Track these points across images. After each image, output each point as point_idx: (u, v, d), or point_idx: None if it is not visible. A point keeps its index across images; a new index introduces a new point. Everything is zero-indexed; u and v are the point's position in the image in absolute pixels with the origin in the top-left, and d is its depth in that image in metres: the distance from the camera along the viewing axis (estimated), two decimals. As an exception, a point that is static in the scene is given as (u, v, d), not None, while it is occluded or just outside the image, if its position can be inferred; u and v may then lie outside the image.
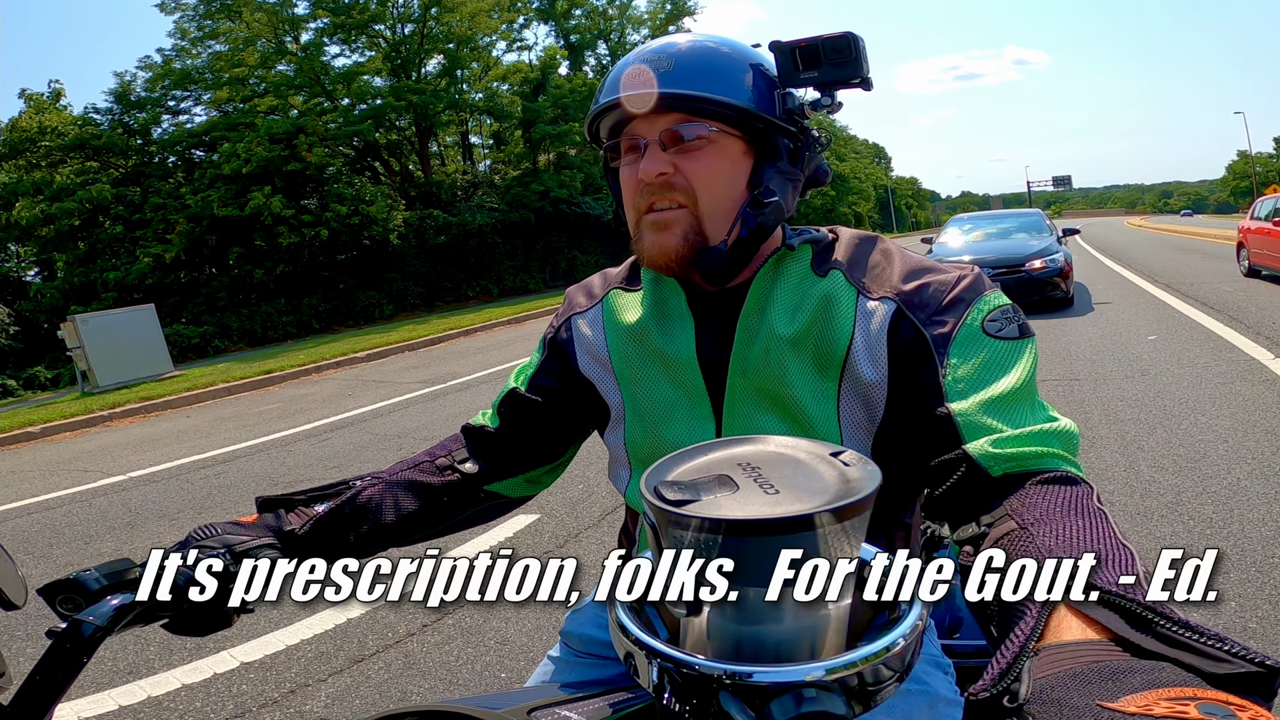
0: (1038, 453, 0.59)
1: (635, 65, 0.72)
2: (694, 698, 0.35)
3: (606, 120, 0.76)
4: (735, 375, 0.74)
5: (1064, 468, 0.58)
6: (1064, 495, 0.55)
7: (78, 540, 4.00)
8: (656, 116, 0.71)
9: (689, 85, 0.70)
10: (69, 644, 0.56)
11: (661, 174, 0.71)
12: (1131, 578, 0.43)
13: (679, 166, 0.71)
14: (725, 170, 0.72)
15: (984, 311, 0.68)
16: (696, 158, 0.71)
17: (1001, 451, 0.59)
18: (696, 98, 0.70)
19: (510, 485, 0.89)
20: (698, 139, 0.71)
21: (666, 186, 0.71)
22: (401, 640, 2.47)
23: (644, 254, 0.75)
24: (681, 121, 0.71)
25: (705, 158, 0.71)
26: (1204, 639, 0.34)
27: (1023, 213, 10.95)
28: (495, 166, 25.25)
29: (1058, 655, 0.36)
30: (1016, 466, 0.58)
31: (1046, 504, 0.54)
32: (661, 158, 0.71)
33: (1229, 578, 2.23)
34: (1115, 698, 0.30)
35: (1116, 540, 0.48)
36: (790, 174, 0.75)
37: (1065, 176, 64.73)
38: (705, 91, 0.70)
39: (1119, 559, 0.46)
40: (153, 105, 20.12)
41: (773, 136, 0.73)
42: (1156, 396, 4.29)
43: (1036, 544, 0.49)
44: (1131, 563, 0.45)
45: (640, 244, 0.75)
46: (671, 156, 0.71)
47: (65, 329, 11.08)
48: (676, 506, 0.35)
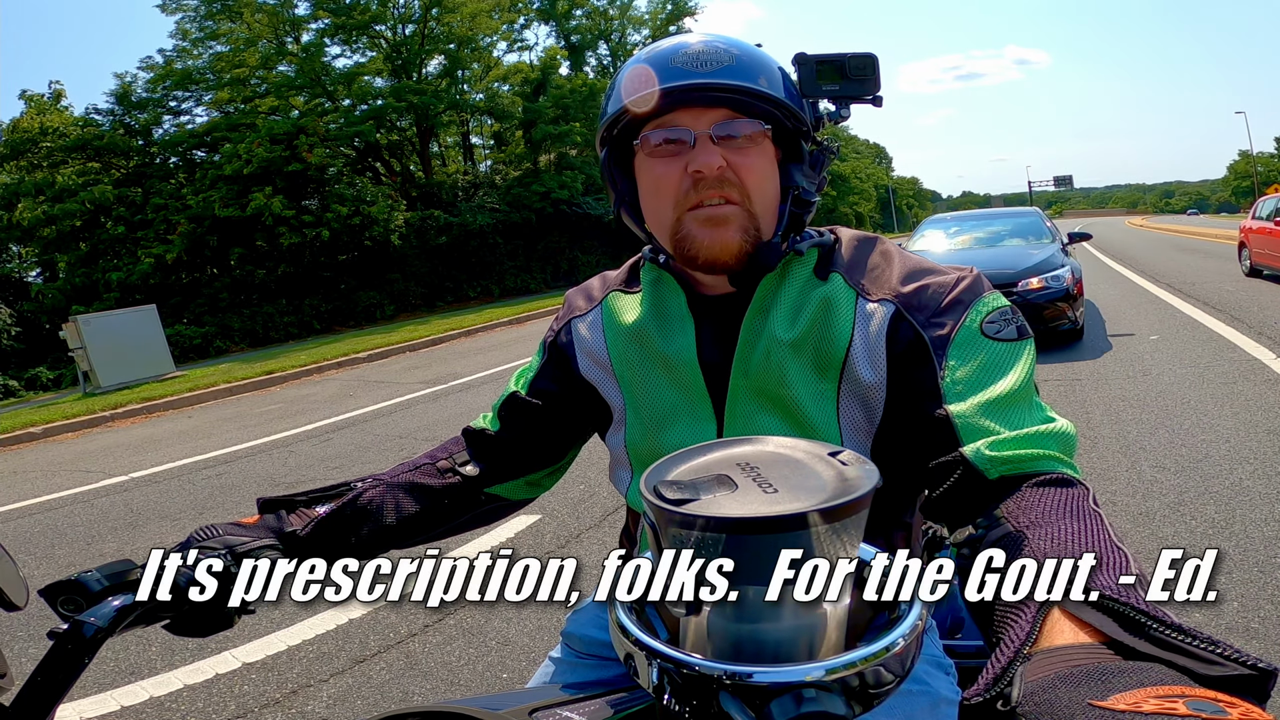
0: (1034, 455, 0.59)
1: (682, 55, 0.70)
2: (694, 698, 0.35)
3: (636, 114, 0.72)
4: (738, 376, 0.74)
5: (1060, 470, 0.58)
6: (1059, 498, 0.55)
7: (79, 541, 4.00)
8: (705, 110, 0.70)
9: (750, 80, 0.70)
10: (70, 645, 0.56)
11: (721, 166, 0.69)
12: (1128, 579, 0.44)
13: (730, 162, 0.70)
14: (768, 169, 0.73)
15: (982, 313, 0.68)
16: (746, 154, 0.71)
17: (998, 454, 0.59)
18: (756, 93, 0.70)
19: (511, 488, 0.89)
20: (747, 136, 0.70)
21: (723, 180, 0.70)
22: (403, 641, 2.47)
23: (697, 251, 0.72)
24: (734, 117, 0.70)
25: (752, 155, 0.71)
26: (1196, 642, 0.34)
27: (1017, 212, 8.30)
28: (496, 167, 25.25)
29: (1050, 659, 0.36)
30: (1013, 469, 0.58)
31: (1042, 507, 0.54)
32: (717, 151, 0.70)
33: (1231, 578, 2.23)
34: (1105, 696, 0.31)
35: (1111, 542, 0.49)
36: (811, 178, 0.76)
37: (1066, 176, 64.73)
38: (765, 89, 0.70)
39: (1113, 561, 0.46)
40: (154, 106, 20.17)
41: (799, 140, 0.74)
42: (1158, 397, 4.29)
43: (1031, 547, 0.50)
44: (1126, 564, 0.46)
45: (689, 242, 0.72)
46: (722, 151, 0.70)
47: (67, 330, 11.11)
48: (676, 506, 0.35)
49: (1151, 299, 8.59)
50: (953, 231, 7.91)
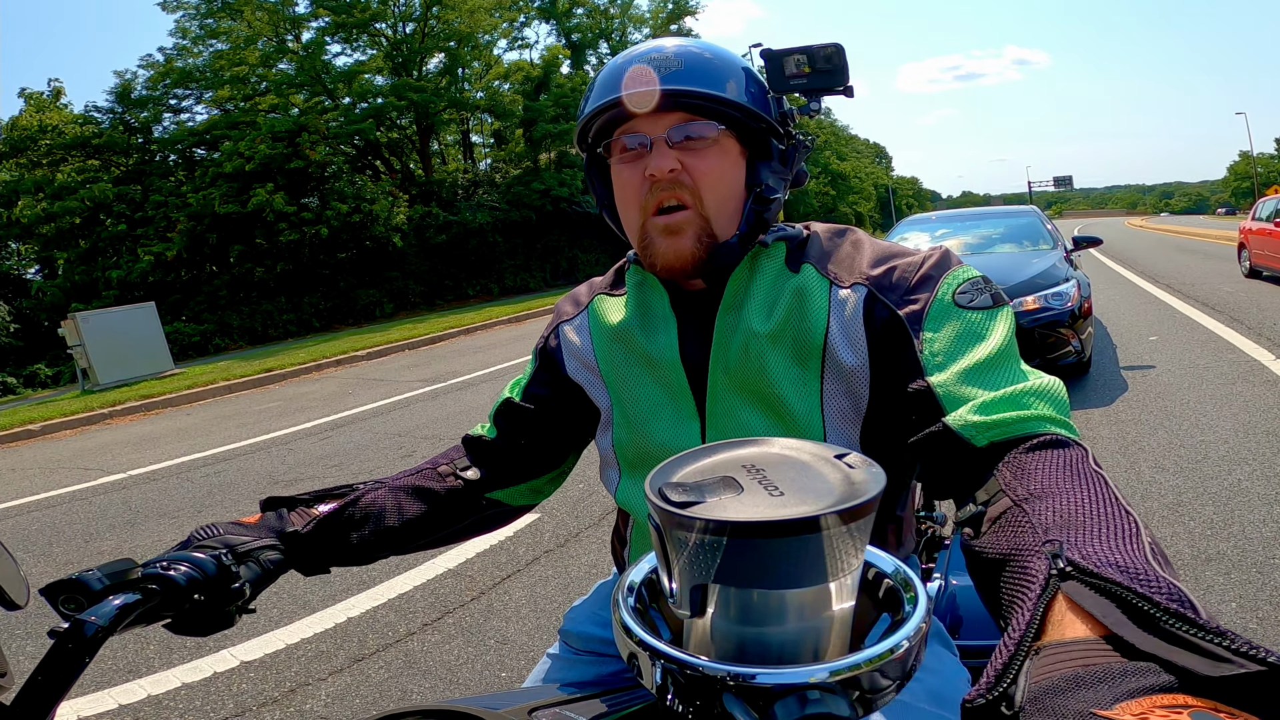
0: (1021, 417, 0.57)
1: (639, 64, 0.72)
2: (697, 699, 0.35)
3: (600, 120, 0.76)
4: (716, 373, 0.75)
5: (1052, 429, 0.57)
6: (1057, 461, 0.53)
7: (78, 539, 4.00)
8: (661, 115, 0.72)
9: (700, 84, 0.71)
10: (71, 644, 0.56)
11: (673, 169, 0.71)
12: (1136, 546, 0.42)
13: (685, 165, 0.72)
14: (728, 170, 0.74)
15: (953, 285, 0.68)
16: (702, 157, 0.73)
17: (983, 419, 0.58)
18: (708, 95, 0.71)
19: (511, 494, 0.90)
20: (702, 138, 0.72)
21: (676, 183, 0.72)
22: (402, 639, 2.47)
23: (657, 260, 0.75)
24: (688, 120, 0.72)
25: (710, 157, 0.73)
26: (1205, 635, 0.33)
27: (1013, 211, 6.83)
28: (496, 165, 25.24)
29: (1053, 656, 0.35)
30: (1001, 433, 0.57)
31: (1040, 474, 0.52)
32: (671, 154, 0.72)
33: (1230, 579, 2.23)
34: (1109, 703, 0.30)
35: (1116, 505, 0.46)
36: (781, 174, 0.77)
37: (1066, 177, 64.62)
38: (716, 90, 0.71)
39: (1119, 528, 0.44)
40: (154, 104, 20.14)
41: (766, 138, 0.76)
42: (1157, 397, 4.29)
43: (1032, 521, 0.48)
44: (1136, 530, 0.44)
45: (651, 250, 0.75)
46: (677, 154, 0.72)
47: (66, 327, 11.09)
48: (681, 508, 0.35)
49: (1151, 299, 8.60)
50: (938, 234, 6.56)
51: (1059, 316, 4.56)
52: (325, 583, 2.88)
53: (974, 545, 0.53)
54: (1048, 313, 4.56)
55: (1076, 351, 4.64)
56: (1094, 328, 5.33)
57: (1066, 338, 4.58)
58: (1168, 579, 0.38)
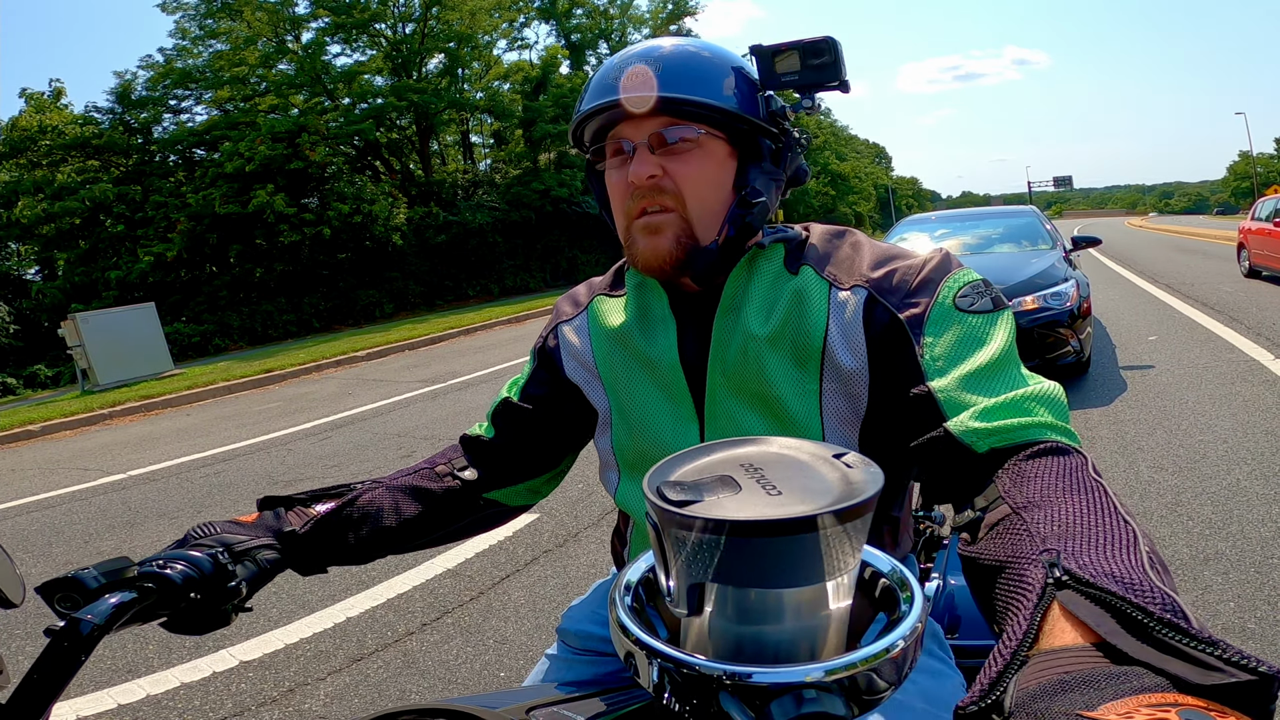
0: (1022, 424, 0.57)
1: (626, 68, 0.72)
2: (694, 698, 0.35)
3: (592, 124, 0.76)
4: (715, 375, 0.75)
5: (1052, 437, 0.57)
6: (1056, 469, 0.53)
7: (77, 539, 4.00)
8: (644, 120, 0.72)
9: (676, 89, 0.70)
10: (67, 642, 0.56)
11: (651, 176, 0.71)
12: (1133, 557, 0.42)
13: (667, 169, 0.72)
14: (712, 172, 0.73)
15: (954, 289, 0.68)
16: (684, 160, 0.72)
17: (984, 425, 0.58)
18: (684, 100, 0.70)
19: (509, 494, 0.90)
20: (684, 141, 0.72)
21: (656, 189, 0.72)
22: (400, 639, 2.47)
23: (638, 259, 0.75)
24: (669, 124, 0.72)
25: (693, 160, 0.72)
26: (1196, 644, 0.33)
27: (1011, 211, 6.85)
28: (496, 165, 25.24)
29: (1044, 663, 0.35)
30: (1002, 440, 0.57)
31: (1039, 482, 0.52)
32: (651, 160, 0.71)
33: (1228, 579, 2.23)
34: (1095, 706, 0.30)
35: (1115, 515, 0.47)
36: (773, 174, 0.76)
37: (1066, 177, 64.61)
38: (692, 94, 0.70)
39: (1118, 537, 0.44)
40: (154, 104, 20.14)
41: (756, 138, 0.75)
42: (1156, 397, 4.29)
43: (1030, 529, 0.48)
44: (1133, 540, 0.44)
45: (633, 249, 0.75)
46: (660, 159, 0.72)
47: (66, 327, 11.09)
48: (679, 507, 0.35)
49: (1150, 299, 8.60)
50: (937, 234, 6.59)
51: (1058, 316, 4.57)
52: (324, 582, 2.88)
53: (971, 551, 0.53)
54: (1047, 313, 4.57)
55: (1075, 351, 4.65)
56: (1093, 327, 5.36)
57: (1065, 337, 4.59)
58: (1163, 590, 0.38)
